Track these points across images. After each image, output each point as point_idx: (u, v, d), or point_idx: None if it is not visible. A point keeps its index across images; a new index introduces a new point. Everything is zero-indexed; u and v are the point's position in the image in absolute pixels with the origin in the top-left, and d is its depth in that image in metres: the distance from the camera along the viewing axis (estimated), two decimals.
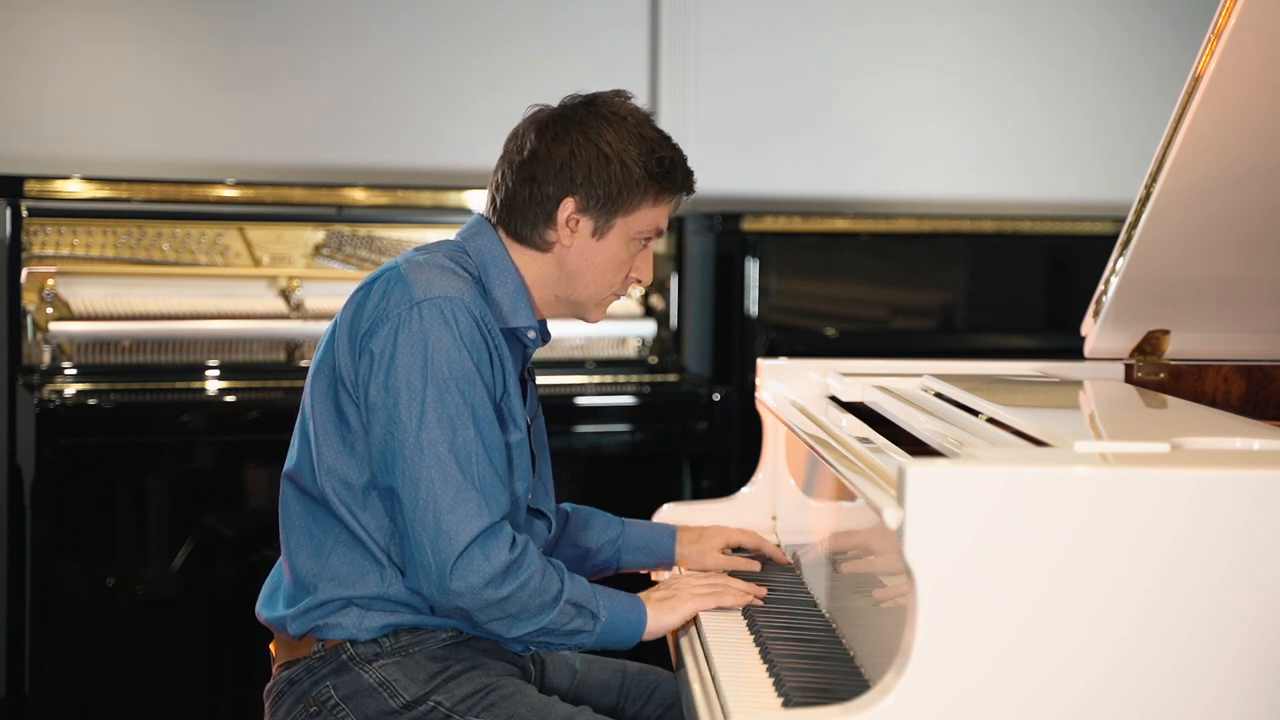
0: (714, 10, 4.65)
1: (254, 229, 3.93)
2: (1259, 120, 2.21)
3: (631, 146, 2.08)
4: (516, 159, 2.12)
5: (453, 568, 1.93)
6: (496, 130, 2.29)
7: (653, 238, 2.15)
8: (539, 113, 2.14)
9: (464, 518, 1.94)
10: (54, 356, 3.69)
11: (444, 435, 1.96)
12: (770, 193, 4.72)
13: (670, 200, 2.14)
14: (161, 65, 4.25)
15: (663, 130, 2.15)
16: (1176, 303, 2.48)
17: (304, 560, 2.07)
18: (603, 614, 2.03)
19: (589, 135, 2.08)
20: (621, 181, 2.08)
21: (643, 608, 2.08)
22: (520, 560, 1.96)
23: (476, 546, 1.94)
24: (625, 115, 2.11)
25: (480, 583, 1.94)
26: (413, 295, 2.00)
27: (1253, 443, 1.79)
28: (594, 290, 2.15)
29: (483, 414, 1.99)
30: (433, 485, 1.94)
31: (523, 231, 2.12)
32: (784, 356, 2.74)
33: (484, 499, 1.96)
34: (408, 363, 1.97)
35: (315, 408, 2.07)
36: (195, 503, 3.76)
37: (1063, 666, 1.56)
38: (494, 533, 1.95)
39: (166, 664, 3.72)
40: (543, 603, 1.98)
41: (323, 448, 2.05)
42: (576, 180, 2.08)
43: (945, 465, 1.57)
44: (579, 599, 2.01)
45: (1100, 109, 4.99)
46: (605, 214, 2.09)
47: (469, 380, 1.98)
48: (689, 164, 2.16)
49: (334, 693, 2.03)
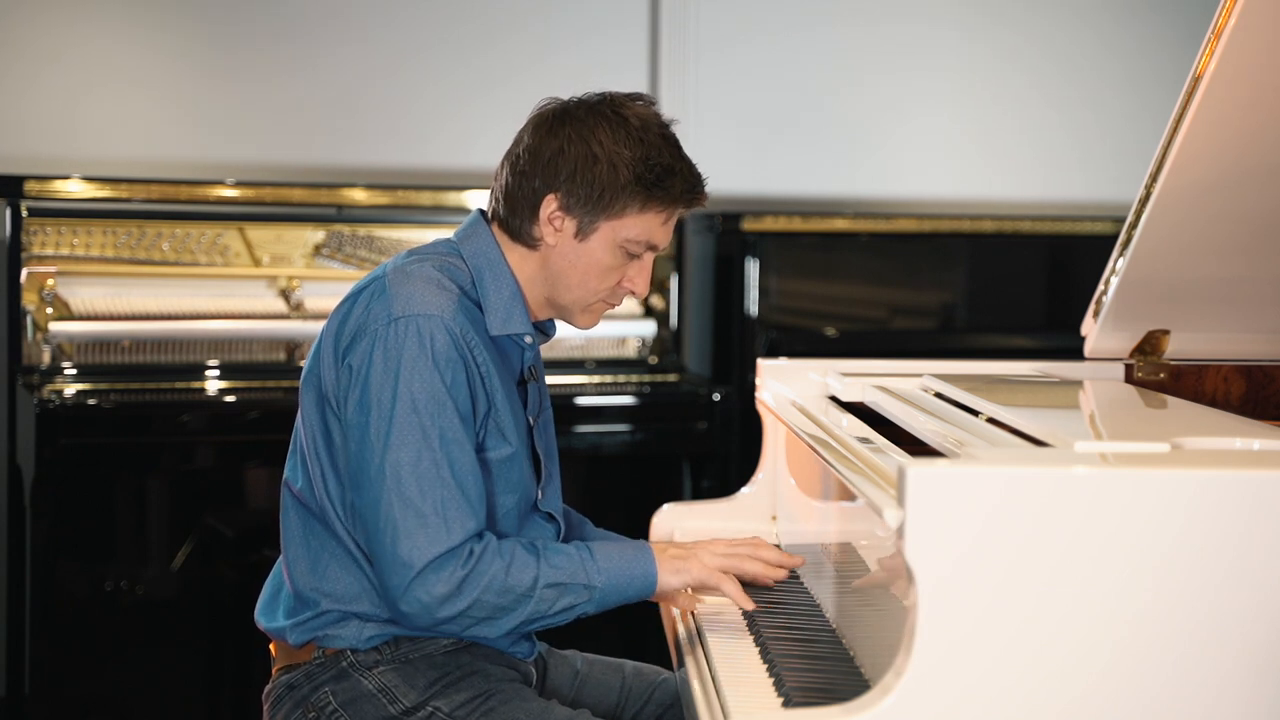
0: (714, 9, 4.65)
1: (254, 229, 3.93)
2: (1259, 120, 2.21)
3: (625, 150, 2.02)
4: (514, 152, 2.09)
5: (405, 591, 1.91)
6: (496, 130, 2.29)
7: (645, 251, 2.08)
8: (546, 107, 2.10)
9: (420, 543, 1.91)
10: (54, 356, 3.69)
11: (408, 457, 1.92)
12: (770, 193, 4.72)
13: (662, 211, 2.05)
14: (162, 65, 4.25)
15: (672, 139, 2.07)
16: (1176, 303, 2.48)
17: (302, 575, 2.05)
18: (597, 580, 1.97)
19: (582, 133, 2.03)
20: (607, 183, 2.02)
21: (650, 561, 2.01)
22: (475, 570, 1.92)
23: (430, 569, 1.90)
24: (629, 118, 2.04)
25: (434, 603, 1.91)
26: (391, 311, 1.97)
27: (1253, 443, 1.79)
28: (577, 294, 2.09)
29: (451, 436, 1.95)
30: (391, 509, 1.92)
31: (513, 226, 2.09)
32: (784, 356, 2.73)
33: (445, 523, 1.92)
34: (379, 382, 1.95)
35: (307, 421, 2.06)
36: (195, 503, 3.76)
37: (1063, 666, 1.56)
38: (451, 555, 1.92)
39: (166, 664, 3.72)
40: (515, 597, 1.94)
41: (313, 462, 2.04)
42: (561, 176, 2.03)
43: (945, 465, 1.57)
44: (560, 579, 1.95)
45: (1101, 108, 4.99)
46: (589, 215, 2.03)
47: (438, 401, 1.94)
48: (695, 175, 2.07)
49: (333, 699, 2.03)
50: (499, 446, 2.05)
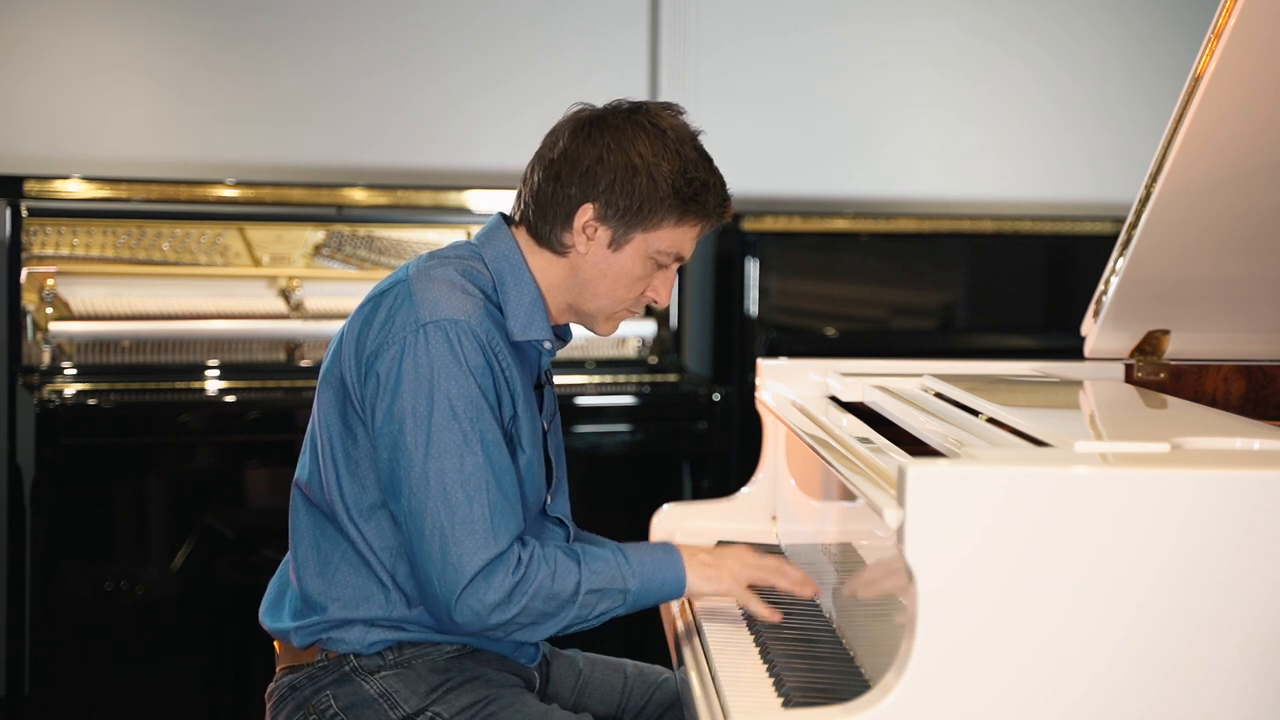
0: (714, 9, 4.65)
1: (254, 229, 3.93)
2: (1259, 120, 2.21)
3: (664, 162, 2.01)
4: (547, 156, 2.06)
5: (458, 599, 1.90)
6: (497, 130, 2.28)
7: (673, 262, 2.08)
8: (580, 112, 2.07)
9: (469, 550, 1.90)
10: (54, 356, 3.69)
11: (451, 465, 1.92)
12: (770, 193, 4.72)
13: (696, 224, 2.05)
14: (162, 65, 4.25)
15: (705, 152, 2.07)
16: (1176, 303, 2.48)
17: (311, 578, 2.05)
18: (632, 583, 1.97)
19: (621, 143, 2.01)
20: (646, 195, 2.00)
21: (680, 564, 2.00)
22: (525, 577, 1.92)
23: (481, 578, 1.90)
24: (666, 129, 2.03)
25: (485, 611, 1.91)
26: (419, 317, 1.96)
27: (1253, 443, 1.79)
28: (604, 303, 2.08)
29: (490, 439, 1.95)
30: (438, 517, 1.91)
31: (542, 231, 2.06)
32: (784, 356, 2.73)
33: (492, 528, 1.92)
34: (413, 389, 1.93)
35: (324, 420, 2.04)
36: (195, 503, 3.76)
37: (1063, 666, 1.56)
38: (500, 560, 1.92)
39: (166, 664, 3.72)
40: (560, 603, 1.94)
41: (331, 463, 2.02)
42: (600, 186, 2.01)
43: (946, 465, 1.57)
44: (600, 584, 1.96)
45: (1102, 109, 4.99)
46: (625, 226, 2.02)
47: (475, 406, 1.94)
48: (725, 190, 2.07)
49: (334, 703, 2.02)
50: (519, 452, 2.04)
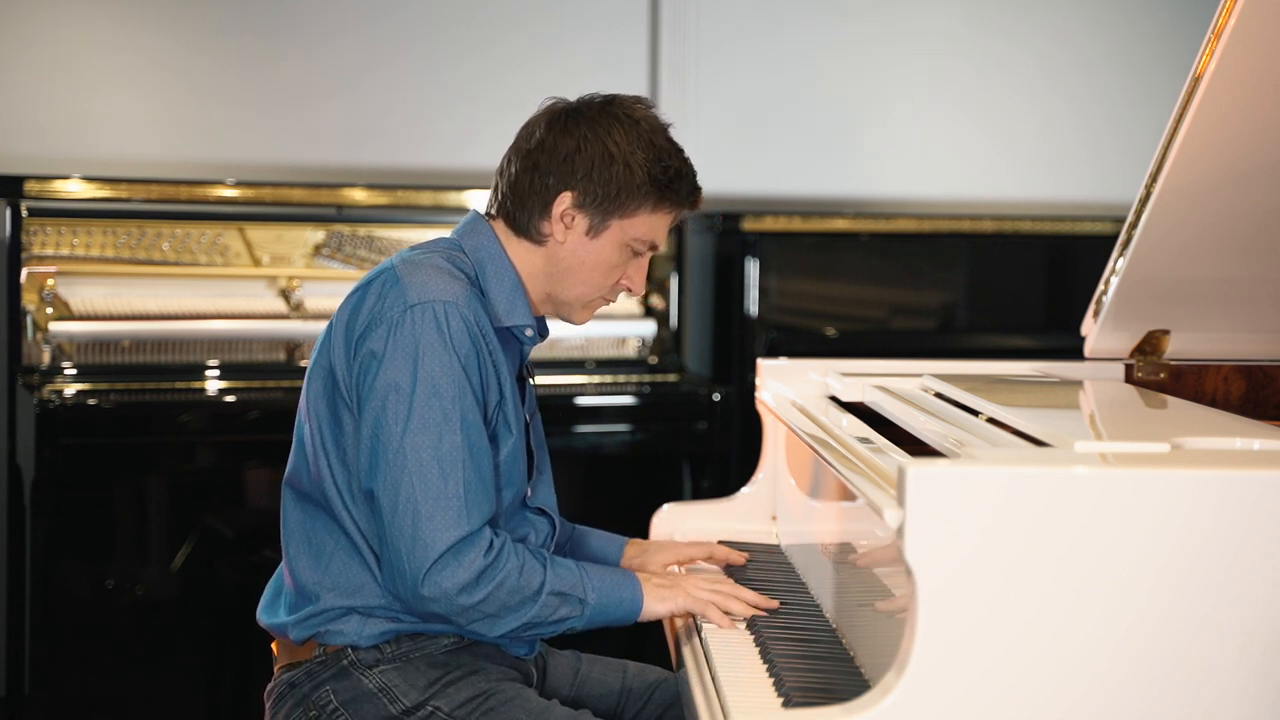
0: (714, 8, 4.65)
1: (254, 229, 3.93)
2: (1259, 120, 2.21)
3: (639, 151, 2.07)
4: (524, 147, 2.11)
5: (425, 575, 1.92)
6: (497, 129, 2.29)
7: (647, 250, 2.13)
8: (554, 105, 2.13)
9: (441, 525, 1.92)
10: (54, 356, 3.69)
11: (429, 440, 1.94)
12: (770, 192, 4.72)
13: (670, 212, 2.12)
14: (161, 65, 4.25)
15: (676, 143, 2.13)
16: (1176, 303, 2.48)
17: (304, 568, 2.06)
18: (590, 597, 2.01)
19: (598, 132, 2.07)
20: (623, 183, 2.06)
21: (638, 586, 2.05)
22: (495, 563, 1.94)
23: (451, 554, 1.92)
24: (639, 120, 2.09)
25: (454, 589, 1.92)
26: (407, 298, 1.99)
27: (1253, 443, 1.79)
28: (581, 291, 2.13)
29: (471, 420, 1.97)
30: (412, 490, 1.93)
31: (520, 221, 2.11)
32: (784, 356, 2.73)
33: (465, 507, 1.94)
34: (398, 365, 1.96)
35: (312, 411, 2.06)
36: (195, 503, 3.76)
37: (1064, 666, 1.56)
38: (471, 540, 1.94)
39: (166, 664, 3.72)
40: (523, 598, 1.96)
41: (319, 451, 2.04)
42: (578, 174, 2.06)
43: (946, 465, 1.57)
44: (563, 588, 1.99)
45: (1102, 109, 4.99)
46: (602, 213, 2.07)
47: (458, 386, 1.97)
48: (697, 180, 2.14)
49: (334, 698, 2.03)
50: (506, 439, 2.07)
